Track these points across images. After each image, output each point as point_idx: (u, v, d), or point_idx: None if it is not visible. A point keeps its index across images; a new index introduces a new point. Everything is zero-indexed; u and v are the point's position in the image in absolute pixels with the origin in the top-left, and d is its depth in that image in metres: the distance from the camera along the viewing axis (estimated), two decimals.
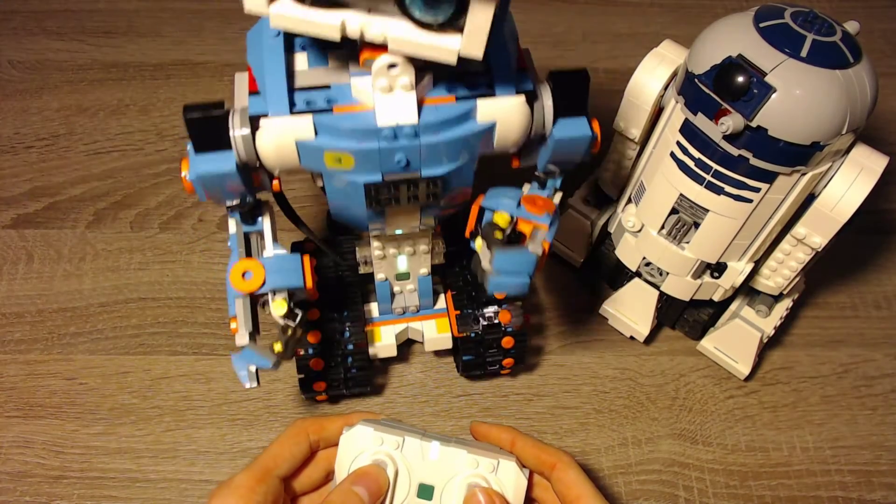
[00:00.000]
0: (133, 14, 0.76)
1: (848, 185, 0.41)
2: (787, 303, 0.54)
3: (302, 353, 0.47)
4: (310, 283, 0.39)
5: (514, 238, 0.39)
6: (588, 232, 0.57)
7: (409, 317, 0.51)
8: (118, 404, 0.51)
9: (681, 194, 0.45)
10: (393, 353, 0.50)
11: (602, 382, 0.54)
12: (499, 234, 0.37)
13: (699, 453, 0.51)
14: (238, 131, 0.35)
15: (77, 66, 0.71)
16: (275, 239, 0.41)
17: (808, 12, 0.40)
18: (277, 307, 0.38)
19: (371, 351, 0.49)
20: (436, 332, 0.50)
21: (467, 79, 0.36)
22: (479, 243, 0.39)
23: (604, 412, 0.52)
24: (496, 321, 0.48)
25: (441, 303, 0.51)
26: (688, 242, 0.48)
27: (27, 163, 0.64)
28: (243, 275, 0.38)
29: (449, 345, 0.51)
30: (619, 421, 0.52)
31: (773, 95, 0.38)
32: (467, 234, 0.40)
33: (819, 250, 0.45)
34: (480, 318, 0.49)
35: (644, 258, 0.51)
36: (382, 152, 0.35)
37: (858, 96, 0.38)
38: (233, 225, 0.41)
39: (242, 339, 0.40)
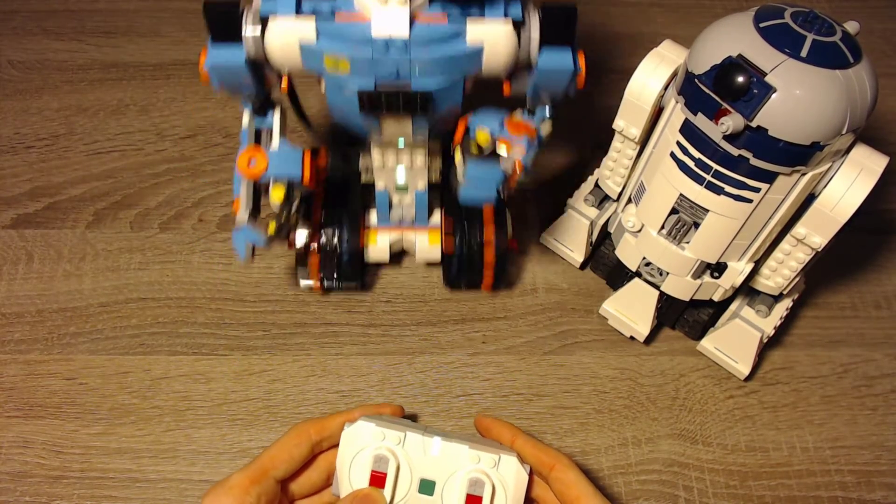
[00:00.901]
0: (133, 14, 0.76)
1: (848, 185, 0.41)
2: (787, 303, 0.54)
3: (301, 248, 0.52)
4: (307, 177, 0.44)
5: (492, 156, 0.42)
6: (588, 232, 0.57)
7: (404, 227, 0.55)
8: (118, 404, 0.51)
9: (681, 194, 0.45)
10: (385, 257, 0.55)
11: (602, 382, 0.54)
12: (475, 149, 0.41)
13: (699, 453, 0.51)
14: (249, 27, 0.39)
15: (77, 66, 0.71)
16: (282, 134, 0.46)
17: (808, 12, 0.40)
18: (275, 193, 0.44)
19: (365, 250, 0.54)
20: (427, 244, 0.55)
21: (462, 1, 0.39)
22: (457, 156, 0.42)
23: (604, 412, 0.52)
24: (479, 237, 0.52)
25: (435, 219, 0.55)
26: (688, 242, 0.48)
27: (27, 163, 0.64)
28: (249, 161, 0.43)
29: (438, 257, 0.55)
30: (619, 421, 0.52)
31: (774, 95, 0.38)
32: (452, 149, 0.44)
33: (819, 250, 0.45)
34: (467, 232, 0.53)
35: (644, 258, 0.51)
36: (375, 61, 0.38)
37: (858, 96, 0.38)
38: (246, 118, 0.46)
39: (242, 216, 0.44)
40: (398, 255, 0.58)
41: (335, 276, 0.54)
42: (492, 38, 0.38)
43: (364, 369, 0.54)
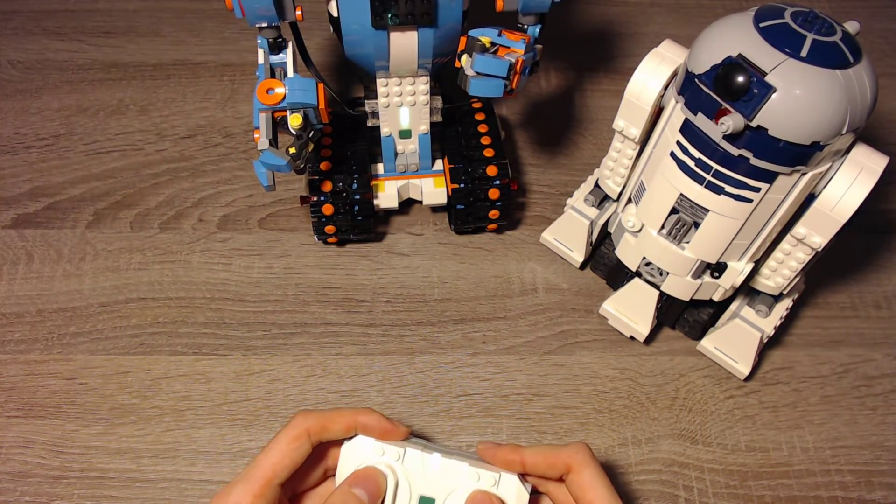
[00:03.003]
0: (133, 14, 0.76)
1: (848, 185, 0.41)
2: (787, 303, 0.54)
3: (315, 199, 0.55)
4: (322, 104, 0.47)
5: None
6: (588, 231, 0.57)
7: (409, 175, 0.58)
8: (118, 404, 0.51)
9: (681, 194, 0.45)
10: (394, 204, 0.57)
11: (602, 382, 0.54)
12: (479, 44, 0.45)
13: (699, 453, 0.51)
14: None
15: (77, 66, 0.71)
16: (295, 69, 0.50)
17: (808, 12, 0.40)
18: (294, 119, 0.47)
19: (375, 202, 0.57)
20: (433, 188, 0.58)
21: None
22: (464, 59, 0.46)
23: (604, 412, 0.52)
24: (484, 174, 0.56)
25: (438, 165, 0.59)
26: (688, 242, 0.48)
27: (27, 163, 0.64)
28: (267, 91, 0.46)
29: (444, 199, 0.58)
30: (619, 421, 0.52)
31: (774, 95, 0.38)
32: (457, 59, 0.47)
33: (819, 250, 0.45)
34: (471, 172, 0.56)
35: (644, 258, 0.51)
36: None
37: (858, 96, 0.38)
38: (261, 55, 0.50)
39: (263, 143, 0.46)
40: (405, 205, 0.60)
41: (351, 232, 0.57)
42: None
43: (364, 369, 0.54)
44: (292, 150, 0.47)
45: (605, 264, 0.57)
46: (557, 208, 0.60)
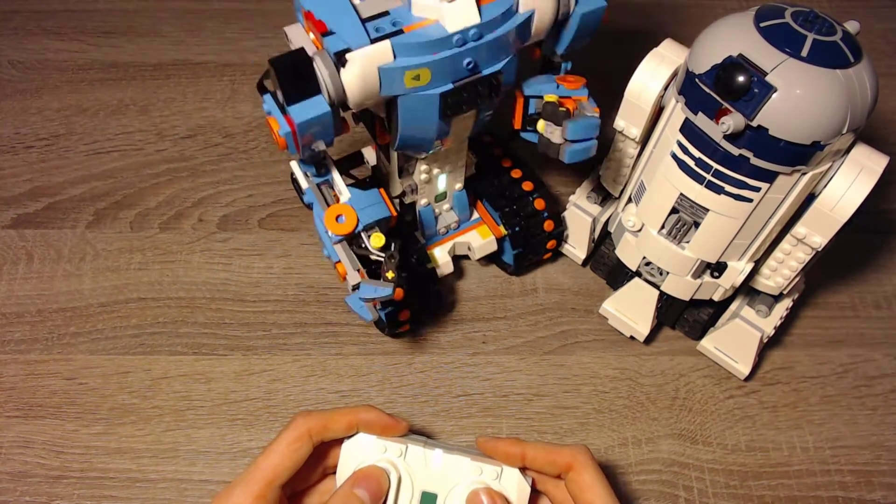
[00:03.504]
0: (133, 14, 0.76)
1: (848, 185, 0.41)
2: (787, 303, 0.54)
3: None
4: (394, 212, 0.44)
5: (567, 113, 0.44)
6: (590, 228, 0.57)
7: (452, 234, 0.55)
8: (118, 404, 0.51)
9: (681, 194, 0.45)
10: (450, 268, 0.55)
11: (602, 382, 0.54)
12: (560, 109, 0.43)
13: (699, 453, 0.51)
14: (325, 71, 0.37)
15: (77, 66, 0.71)
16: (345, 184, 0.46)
17: (808, 12, 0.40)
18: (376, 240, 0.43)
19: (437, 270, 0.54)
20: (481, 240, 0.55)
21: None
22: (541, 125, 0.44)
23: (604, 412, 0.52)
24: (534, 210, 0.54)
25: (476, 215, 0.56)
26: (688, 242, 0.48)
27: (27, 163, 0.64)
28: (337, 219, 0.42)
29: (495, 247, 0.55)
30: (619, 421, 0.52)
31: (774, 95, 0.38)
32: (517, 124, 0.46)
33: (819, 250, 0.45)
34: (521, 212, 0.54)
35: (644, 258, 0.51)
36: (455, 58, 0.38)
37: (859, 96, 0.38)
38: (304, 180, 0.46)
39: (354, 277, 0.44)
40: (457, 263, 0.57)
41: (423, 307, 0.53)
42: (539, 1, 0.40)
43: (364, 369, 0.54)
44: (391, 275, 0.42)
45: (605, 264, 0.57)
46: (560, 206, 0.60)
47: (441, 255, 0.54)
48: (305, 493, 0.41)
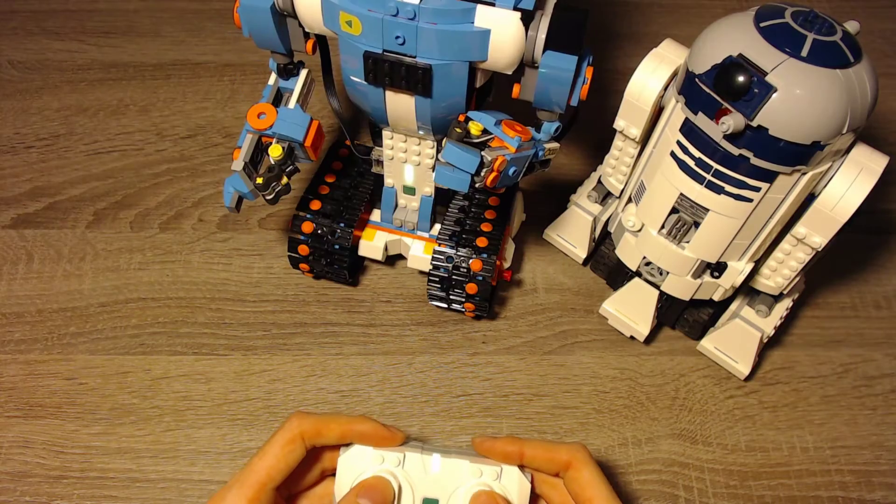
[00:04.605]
0: (133, 14, 0.76)
1: (848, 185, 0.41)
2: (787, 303, 0.54)
3: (305, 214, 0.53)
4: (309, 141, 0.45)
5: (476, 146, 0.41)
6: (591, 228, 0.57)
7: (404, 231, 0.55)
8: (118, 404, 0.51)
9: (681, 194, 0.45)
10: (378, 255, 0.55)
11: (602, 382, 0.54)
12: (458, 130, 0.41)
13: (699, 453, 0.51)
14: None
15: (77, 66, 0.71)
16: (300, 101, 0.47)
17: (808, 12, 0.40)
18: (274, 150, 0.45)
19: (358, 243, 0.54)
20: (421, 252, 0.54)
21: None
22: (444, 141, 0.41)
23: (604, 412, 0.52)
24: (465, 266, 0.51)
25: (437, 230, 0.54)
26: (688, 242, 0.48)
27: (27, 163, 0.64)
28: (259, 115, 0.45)
29: (427, 267, 0.53)
30: (619, 421, 0.52)
31: (774, 95, 0.38)
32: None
33: (819, 250, 0.45)
34: (454, 258, 0.51)
35: (644, 258, 0.51)
36: (385, 23, 0.39)
37: (859, 96, 0.38)
38: (272, 77, 0.48)
39: (238, 165, 0.46)
40: (394, 258, 0.58)
41: (324, 263, 0.54)
42: (499, 24, 0.39)
43: (364, 369, 0.54)
44: (259, 181, 0.45)
45: (605, 264, 0.57)
46: (558, 207, 0.60)
47: (378, 239, 0.55)
48: (303, 495, 0.41)
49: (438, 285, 0.52)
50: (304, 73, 0.48)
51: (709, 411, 0.53)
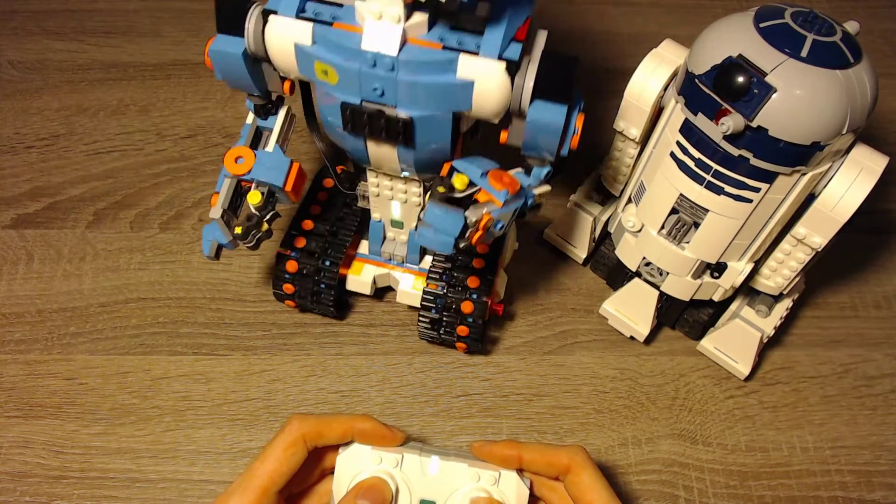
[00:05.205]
0: (133, 14, 0.76)
1: (848, 185, 0.41)
2: (787, 303, 0.54)
3: (289, 252, 0.51)
4: (289, 186, 0.43)
5: (465, 203, 0.39)
6: (591, 228, 0.57)
7: (393, 264, 0.53)
8: (118, 404, 0.51)
9: (681, 194, 0.45)
10: (366, 290, 0.53)
11: (602, 382, 0.54)
12: (441, 189, 0.39)
13: (699, 453, 0.51)
14: (251, 22, 0.39)
15: (77, 66, 0.71)
16: (279, 141, 0.45)
17: (808, 12, 0.40)
18: (252, 197, 0.43)
19: (345, 279, 0.53)
20: (410, 287, 0.53)
21: (463, 34, 0.37)
22: (427, 198, 0.40)
23: (604, 412, 0.52)
24: (456, 307, 0.49)
25: (427, 263, 0.53)
26: (688, 242, 0.48)
27: (27, 163, 0.64)
28: (236, 159, 0.43)
29: (417, 303, 0.51)
30: (619, 421, 0.52)
31: (774, 95, 0.38)
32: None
33: (819, 250, 0.45)
34: (444, 298, 0.49)
35: (644, 258, 0.51)
36: (362, 75, 0.37)
37: (859, 96, 0.38)
38: (249, 116, 0.46)
39: (216, 212, 0.44)
40: (383, 291, 0.56)
41: (310, 301, 0.52)
42: (483, 75, 0.36)
43: (364, 369, 0.54)
44: (238, 230, 0.43)
45: (605, 264, 0.57)
46: (558, 207, 0.60)
47: (366, 272, 0.53)
48: (303, 495, 0.41)
49: (428, 325, 0.51)
50: (283, 111, 0.46)
51: (709, 411, 0.53)
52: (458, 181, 0.39)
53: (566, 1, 0.80)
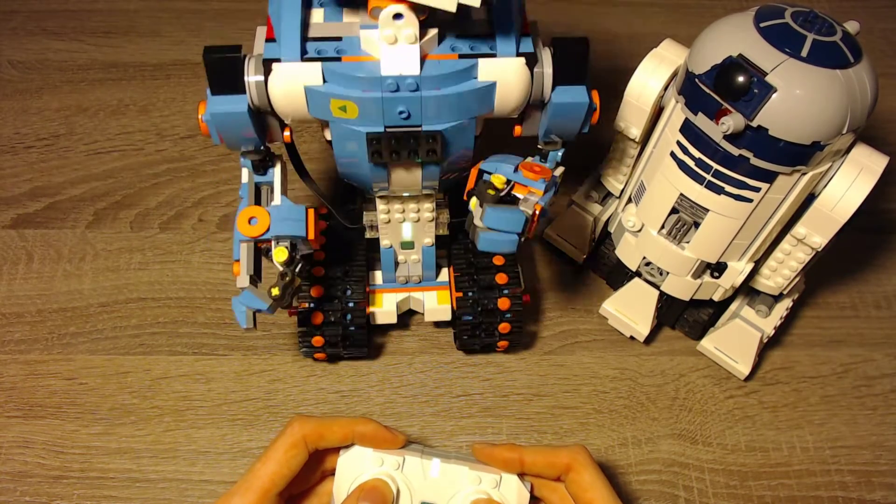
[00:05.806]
0: (133, 14, 0.76)
1: (848, 185, 0.41)
2: (787, 303, 0.54)
3: (306, 305, 0.48)
4: (311, 234, 0.41)
5: (509, 200, 0.40)
6: (591, 228, 0.57)
7: (411, 287, 0.52)
8: (118, 404, 0.51)
9: (681, 194, 0.45)
10: (392, 319, 0.52)
11: (602, 382, 0.54)
12: (491, 192, 0.39)
13: (699, 453, 0.51)
14: (252, 76, 0.37)
15: (77, 66, 0.71)
16: (283, 191, 0.43)
17: (808, 12, 0.40)
18: (279, 254, 0.40)
19: (371, 315, 0.51)
20: (436, 304, 0.52)
21: (472, 40, 0.37)
22: (473, 202, 0.40)
23: (604, 412, 0.52)
24: (494, 306, 0.49)
25: (444, 276, 0.53)
26: (688, 242, 0.48)
27: (27, 163, 0.64)
28: (249, 220, 0.41)
29: (448, 316, 0.52)
30: (619, 421, 0.52)
31: (774, 95, 0.38)
32: (465, 195, 0.41)
33: (819, 250, 0.45)
34: (480, 303, 0.49)
35: (644, 258, 0.51)
36: (385, 102, 0.36)
37: (859, 96, 0.38)
38: (245, 174, 0.44)
39: (243, 281, 0.41)
40: (406, 316, 0.55)
41: (341, 345, 0.50)
42: (504, 74, 0.37)
43: (364, 369, 0.54)
44: (275, 292, 0.40)
45: (605, 264, 0.57)
46: (558, 207, 0.60)
47: (388, 303, 0.52)
48: (303, 497, 0.41)
49: (469, 332, 0.50)
50: (279, 161, 0.44)
51: (709, 411, 0.53)
52: (496, 181, 0.39)
53: (566, 1, 0.80)
